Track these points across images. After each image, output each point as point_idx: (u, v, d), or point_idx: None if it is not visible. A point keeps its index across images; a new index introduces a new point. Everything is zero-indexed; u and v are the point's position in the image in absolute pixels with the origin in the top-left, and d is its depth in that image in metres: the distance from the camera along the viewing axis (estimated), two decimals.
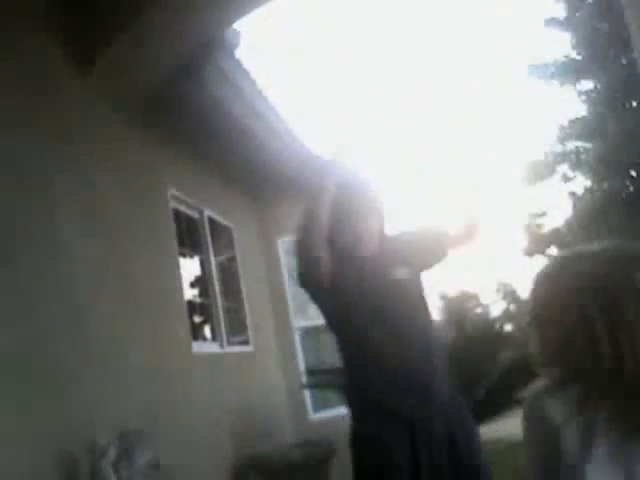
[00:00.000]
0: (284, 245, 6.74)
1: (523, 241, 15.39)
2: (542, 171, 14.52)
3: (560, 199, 15.09)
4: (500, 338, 5.46)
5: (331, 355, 6.72)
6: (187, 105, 4.38)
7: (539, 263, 15.90)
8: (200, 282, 5.46)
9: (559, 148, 14.42)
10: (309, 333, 6.76)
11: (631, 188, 13.70)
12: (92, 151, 3.60)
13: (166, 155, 4.62)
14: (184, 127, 4.64)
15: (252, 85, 4.67)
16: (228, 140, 5.09)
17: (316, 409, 6.41)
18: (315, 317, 6.90)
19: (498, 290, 18.14)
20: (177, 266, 4.49)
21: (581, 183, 14.62)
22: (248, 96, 4.70)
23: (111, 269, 3.54)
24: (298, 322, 6.64)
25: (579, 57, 13.82)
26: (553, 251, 15.05)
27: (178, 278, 4.45)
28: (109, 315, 3.40)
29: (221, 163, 5.47)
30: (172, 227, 4.49)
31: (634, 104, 13.14)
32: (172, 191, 4.54)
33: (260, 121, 5.02)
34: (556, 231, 14.97)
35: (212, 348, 4.97)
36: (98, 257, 3.43)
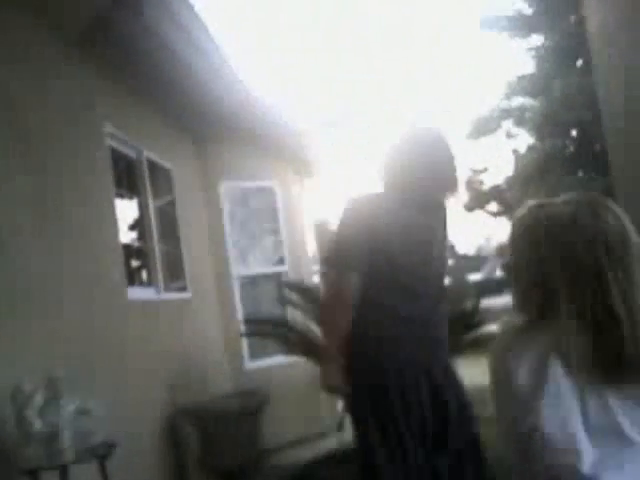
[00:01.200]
0: (226, 190, 6.58)
1: (464, 196, 15.60)
2: (487, 127, 14.65)
3: (503, 156, 15.26)
4: None
5: (270, 304, 6.75)
6: (125, 37, 4.12)
7: (478, 219, 16.22)
8: (138, 225, 5.29)
9: (505, 104, 14.53)
10: (248, 282, 6.69)
11: (571, 148, 13.99)
12: (22, 83, 3.34)
13: (102, 89, 4.36)
14: (122, 61, 4.38)
15: (195, 19, 4.45)
16: (168, 77, 4.85)
17: (253, 358, 6.41)
18: (255, 266, 6.86)
19: None
20: (113, 207, 4.30)
21: (524, 140, 14.85)
22: (190, 30, 4.47)
23: (42, 208, 3.35)
24: (238, 270, 6.55)
25: (530, 11, 13.83)
26: (492, 207, 15.33)
27: (114, 220, 4.27)
28: (39, 255, 3.23)
29: (160, 101, 5.23)
30: (108, 166, 4.28)
31: (579, 63, 13.28)
32: (108, 128, 4.31)
33: (202, 58, 4.80)
34: (496, 187, 15.23)
35: (148, 294, 4.84)
36: (27, 195, 3.23)
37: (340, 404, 7.25)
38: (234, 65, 5.31)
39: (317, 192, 9.46)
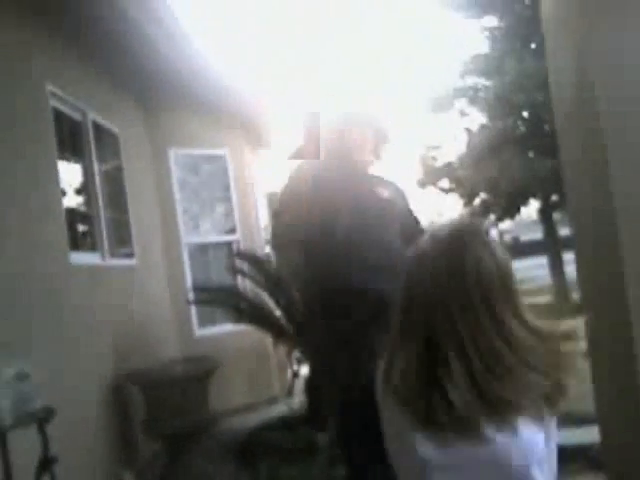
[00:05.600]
0: (176, 157, 6.46)
1: (418, 172, 15.69)
2: (441, 104, 14.73)
3: (456, 134, 15.38)
4: None
5: (220, 273, 6.68)
6: None
7: (431, 194, 16.36)
8: (84, 190, 5.14)
9: (460, 83, 14.62)
10: (198, 249, 6.62)
11: (522, 128, 14.18)
12: None
13: (45, 48, 4.18)
14: (68, 19, 4.21)
15: None
16: (117, 38, 4.70)
17: (202, 325, 6.37)
18: (206, 233, 6.78)
19: None
20: (56, 171, 4.15)
21: (476, 120, 14.99)
22: None
23: None
24: (188, 238, 6.47)
25: None
26: (445, 184, 15.49)
27: (56, 183, 4.12)
28: None
29: (108, 63, 5.06)
30: (51, 127, 4.12)
31: (533, 46, 13.42)
32: (50, 87, 4.15)
33: (154, 21, 4.65)
34: (448, 165, 15.37)
35: (93, 259, 4.72)
36: None
37: (289, 371, 7.29)
38: (187, 30, 5.16)
39: (270, 162, 9.37)
